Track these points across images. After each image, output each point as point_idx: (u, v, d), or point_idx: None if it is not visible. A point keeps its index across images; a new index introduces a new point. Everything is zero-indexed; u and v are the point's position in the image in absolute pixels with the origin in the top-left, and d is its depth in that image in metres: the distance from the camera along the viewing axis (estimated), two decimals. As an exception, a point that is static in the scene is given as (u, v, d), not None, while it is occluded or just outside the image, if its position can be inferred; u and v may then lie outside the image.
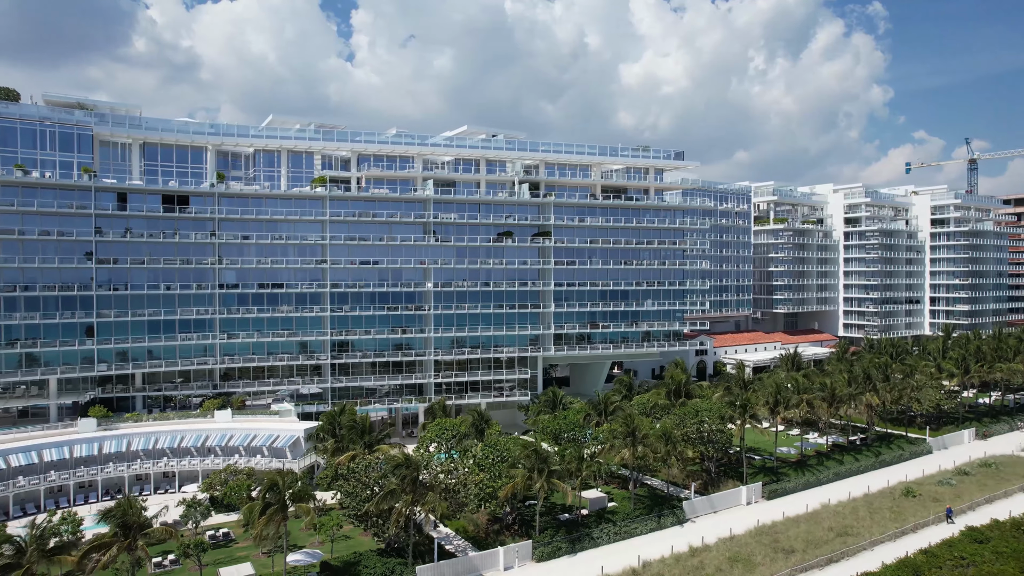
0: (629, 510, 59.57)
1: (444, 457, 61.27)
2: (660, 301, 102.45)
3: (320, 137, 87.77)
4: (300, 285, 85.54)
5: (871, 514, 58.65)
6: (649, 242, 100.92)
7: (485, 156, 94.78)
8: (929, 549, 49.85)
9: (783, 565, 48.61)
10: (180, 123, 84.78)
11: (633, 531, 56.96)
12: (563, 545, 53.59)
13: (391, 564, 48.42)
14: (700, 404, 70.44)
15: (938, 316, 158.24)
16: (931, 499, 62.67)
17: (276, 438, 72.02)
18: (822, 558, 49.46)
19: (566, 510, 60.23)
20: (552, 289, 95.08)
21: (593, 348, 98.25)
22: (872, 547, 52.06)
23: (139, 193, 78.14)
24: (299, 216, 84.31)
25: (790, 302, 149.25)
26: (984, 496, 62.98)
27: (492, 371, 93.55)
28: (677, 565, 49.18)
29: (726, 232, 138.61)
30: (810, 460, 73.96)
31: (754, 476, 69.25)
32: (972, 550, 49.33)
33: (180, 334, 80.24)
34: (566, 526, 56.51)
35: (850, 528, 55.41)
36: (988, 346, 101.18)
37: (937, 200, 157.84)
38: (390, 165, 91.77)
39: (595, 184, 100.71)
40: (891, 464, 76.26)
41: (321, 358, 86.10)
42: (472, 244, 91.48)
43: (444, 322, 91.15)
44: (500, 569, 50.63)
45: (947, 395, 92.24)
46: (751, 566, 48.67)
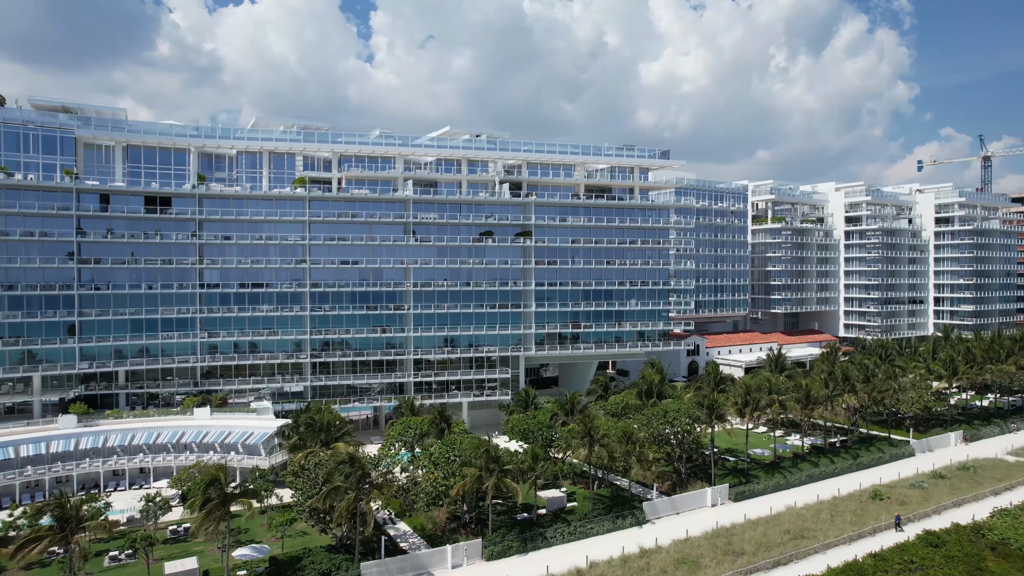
0: (588, 510, 59.52)
1: (406, 456, 62.01)
2: (644, 301, 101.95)
3: (301, 139, 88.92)
4: (281, 285, 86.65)
5: (832, 517, 57.92)
6: (632, 242, 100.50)
7: (466, 156, 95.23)
8: (880, 553, 49.17)
9: (729, 567, 48.29)
10: (164, 126, 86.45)
11: (589, 531, 56.92)
12: (514, 544, 53.75)
13: (338, 560, 49.05)
14: (669, 405, 70.10)
15: (942, 317, 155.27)
16: (898, 503, 61.71)
17: (250, 435, 73.13)
18: (769, 560, 49.03)
19: (527, 510, 60.40)
20: (533, 289, 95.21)
21: (575, 348, 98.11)
22: (825, 550, 51.47)
23: (120, 194, 79.85)
24: (279, 217, 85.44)
25: (788, 302, 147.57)
26: (952, 499, 61.87)
27: (474, 370, 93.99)
28: (623, 566, 49.08)
29: (721, 231, 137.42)
30: (784, 463, 73.15)
31: (723, 478, 68.73)
32: (924, 554, 48.56)
33: (162, 333, 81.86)
34: (521, 526, 56.64)
35: (807, 531, 54.81)
36: (979, 348, 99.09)
37: (941, 198, 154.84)
38: (371, 166, 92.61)
39: (578, 183, 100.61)
40: (869, 467, 75.19)
41: (301, 357, 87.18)
42: (452, 244, 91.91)
43: (425, 321, 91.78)
44: (448, 567, 50.96)
45: (936, 397, 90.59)
46: (697, 568, 48.43)
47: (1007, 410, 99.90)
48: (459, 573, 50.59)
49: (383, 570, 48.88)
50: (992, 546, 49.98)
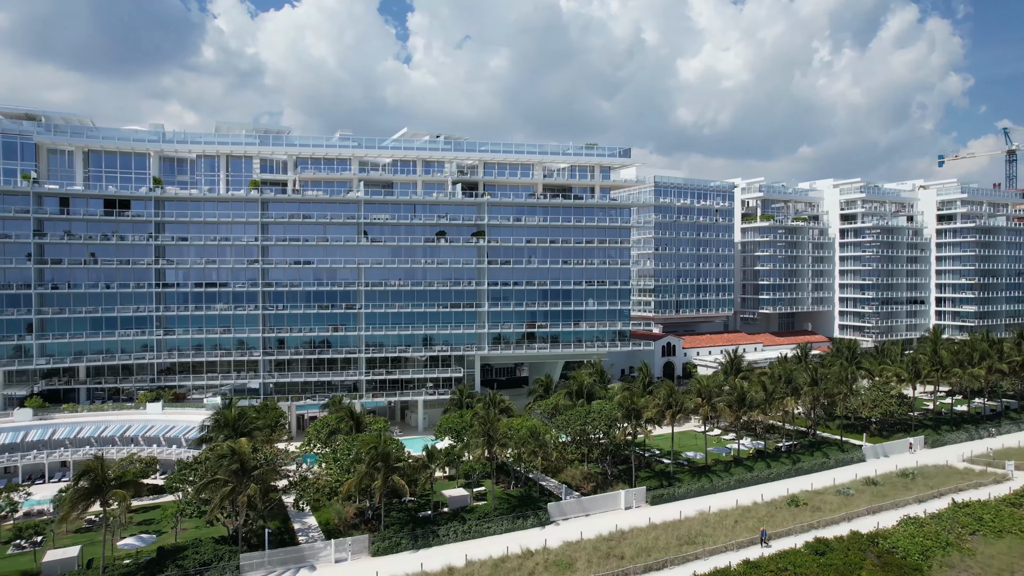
0: (490, 509, 59.80)
1: (311, 458, 63.61)
2: (603, 301, 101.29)
3: (257, 142, 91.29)
4: (237, 284, 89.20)
5: (736, 523, 56.76)
6: (590, 241, 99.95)
7: (421, 157, 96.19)
8: (757, 560, 48.18)
9: (600, 570, 48.03)
10: (126, 131, 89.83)
11: (486, 531, 57.11)
12: (404, 541, 54.39)
13: (222, 550, 50.61)
14: (595, 406, 69.73)
15: (944, 318, 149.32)
16: (813, 509, 60.11)
17: (191, 429, 75.63)
18: (641, 564, 48.55)
19: (435, 507, 61.04)
20: (486, 288, 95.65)
21: (531, 348, 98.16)
22: (708, 556, 50.62)
23: (79, 197, 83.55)
24: (232, 219, 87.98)
25: (780, 302, 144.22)
26: (867, 507, 59.95)
27: (428, 369, 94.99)
28: (498, 566, 49.24)
29: (705, 230, 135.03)
30: (717, 466, 71.87)
31: (647, 480, 68.09)
32: (801, 561, 47.40)
33: (120, 331, 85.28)
34: (419, 523, 57.31)
35: (702, 536, 53.89)
36: (950, 350, 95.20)
37: (943, 195, 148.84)
38: (328, 168, 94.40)
39: (536, 183, 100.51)
40: (808, 472, 73.17)
41: (256, 354, 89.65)
42: (405, 244, 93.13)
43: (378, 320, 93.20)
44: (332, 561, 51.99)
45: (899, 401, 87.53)
46: (569, 570, 48.26)
47: (987, 414, 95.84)
48: (342, 567, 51.50)
49: (264, 561, 50.25)
50: (879, 554, 48.42)
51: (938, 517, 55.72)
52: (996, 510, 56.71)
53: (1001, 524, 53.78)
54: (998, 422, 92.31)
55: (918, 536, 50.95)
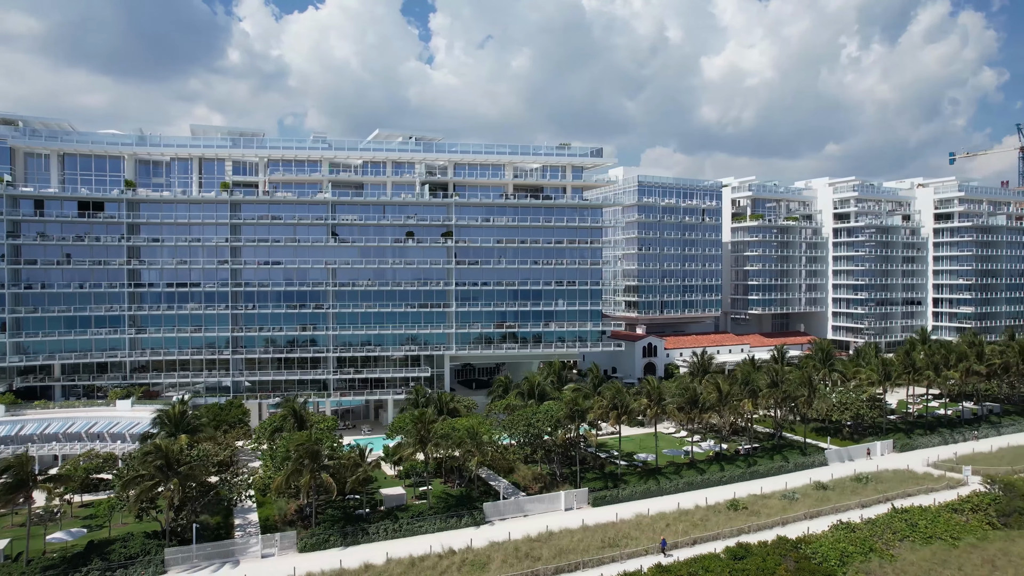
0: (424, 508, 60.30)
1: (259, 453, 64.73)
2: (575, 301, 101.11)
3: (228, 144, 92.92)
4: (207, 284, 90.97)
5: (668, 526, 56.34)
6: (559, 242, 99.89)
7: (390, 158, 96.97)
8: (671, 565, 47.85)
9: (511, 570, 48.16)
10: (104, 134, 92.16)
11: (418, 529, 57.49)
12: (334, 538, 55.08)
13: (150, 545, 51.85)
14: (545, 406, 69.78)
15: (941, 319, 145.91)
16: (752, 513, 59.38)
17: None
18: (551, 566, 48.55)
19: (374, 506, 61.71)
20: (454, 289, 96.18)
21: (498, 348, 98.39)
22: (625, 559, 50.38)
23: (53, 199, 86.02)
24: (202, 220, 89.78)
25: (769, 303, 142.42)
26: (805, 511, 59.06)
27: (396, 368, 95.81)
28: (416, 564, 49.62)
29: (692, 230, 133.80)
30: (668, 469, 71.42)
31: (594, 481, 67.99)
32: (717, 565, 46.97)
33: (94, 329, 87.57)
34: (353, 520, 57.99)
35: (627, 539, 53.59)
36: (926, 352, 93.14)
37: (941, 193, 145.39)
38: (299, 170, 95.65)
39: (507, 183, 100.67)
40: (763, 476, 72.15)
41: (225, 353, 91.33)
42: (371, 245, 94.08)
43: (348, 320, 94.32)
44: (258, 556, 52.90)
45: (870, 404, 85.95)
46: (482, 570, 48.46)
47: (968, 418, 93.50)
48: (268, 562, 52.33)
49: (190, 555, 51.33)
50: (797, 559, 47.77)
51: (873, 523, 54.70)
52: (935, 516, 55.48)
53: (933, 530, 52.62)
54: (976, 426, 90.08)
55: (843, 542, 50.11)
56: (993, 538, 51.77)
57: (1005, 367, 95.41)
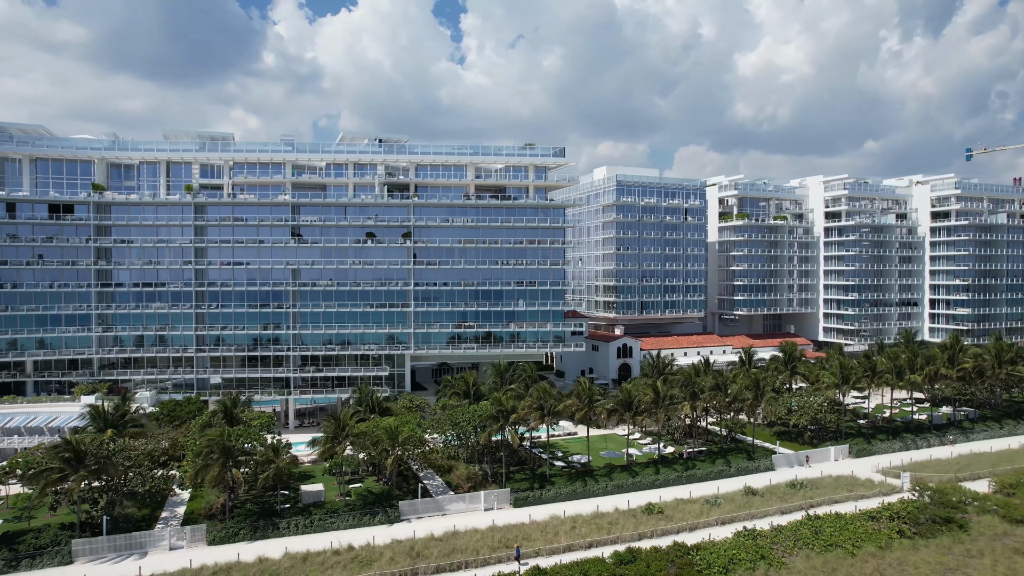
0: (340, 505, 61.23)
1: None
2: (537, 301, 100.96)
3: (194, 148, 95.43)
4: (173, 284, 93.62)
5: (573, 528, 56.14)
6: (518, 242, 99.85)
7: (352, 160, 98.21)
8: (552, 568, 47.68)
9: (395, 567, 48.67)
10: (78, 139, 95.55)
11: (329, 525, 58.29)
12: (243, 532, 56.34)
13: (63, 536, 53.84)
14: (469, 408, 70.19)
15: (938, 320, 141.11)
16: (665, 518, 58.60)
17: None
18: (434, 565, 48.87)
19: (295, 501, 62.95)
20: (412, 289, 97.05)
21: (456, 348, 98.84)
22: (511, 560, 50.39)
23: (24, 202, 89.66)
24: (166, 221, 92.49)
25: (756, 303, 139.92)
26: (719, 517, 58.06)
27: (358, 367, 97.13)
28: (308, 559, 50.46)
29: (673, 230, 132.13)
30: (599, 471, 70.95)
31: (522, 482, 68.02)
32: (599, 569, 46.65)
33: (64, 327, 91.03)
34: (269, 515, 59.20)
35: (527, 541, 53.61)
36: (888, 356, 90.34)
37: (937, 191, 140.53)
38: (263, 172, 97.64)
39: (468, 184, 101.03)
40: (701, 480, 70.95)
41: (190, 351, 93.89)
42: (330, 245, 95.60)
43: (311, 319, 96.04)
44: (167, 548, 54.42)
45: (829, 408, 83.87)
46: (367, 567, 49.08)
47: (937, 423, 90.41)
48: (175, 554, 53.74)
49: (96, 547, 53.10)
50: (680, 566, 47.16)
51: (781, 530, 53.50)
52: (847, 524, 53.95)
53: (837, 538, 51.21)
54: (944, 432, 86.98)
55: (735, 549, 49.22)
56: (897, 547, 50.19)
57: (979, 371, 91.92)
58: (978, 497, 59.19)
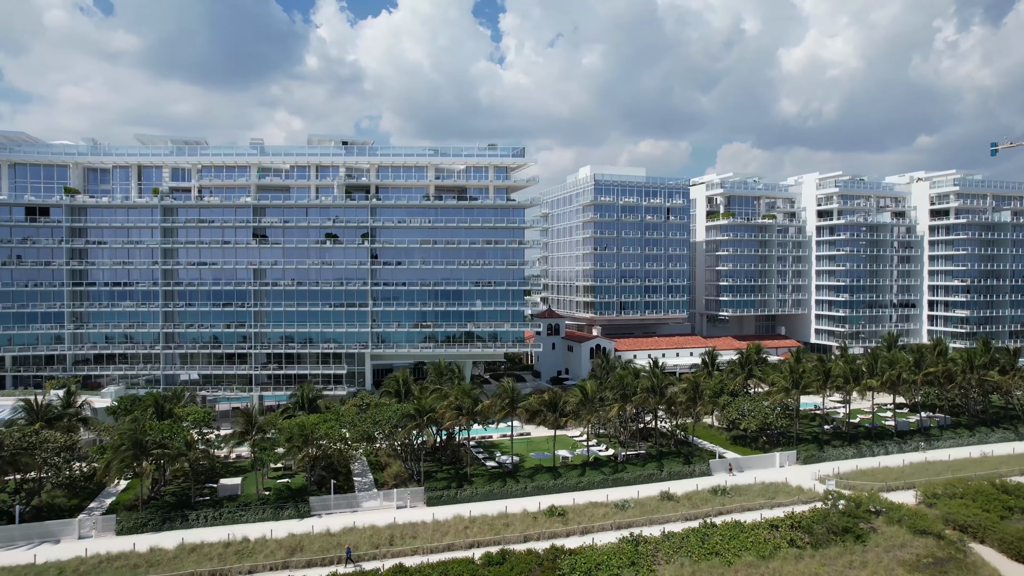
0: (254, 499, 62.82)
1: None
2: (497, 301, 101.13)
3: (162, 153, 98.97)
4: (143, 283, 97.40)
5: (466, 528, 56.20)
6: (474, 243, 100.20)
7: (314, 162, 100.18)
8: (417, 566, 48.08)
9: (270, 559, 49.84)
10: (57, 145, 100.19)
11: (239, 518, 59.83)
12: (152, 522, 58.41)
13: (-25, 526, 56.86)
14: (385, 408, 71.18)
15: (937, 323, 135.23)
16: (565, 521, 58.13)
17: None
18: (304, 559, 49.82)
19: (212, 493, 64.99)
20: (370, 288, 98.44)
21: (413, 348, 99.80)
22: (390, 557, 50.96)
23: (2, 205, 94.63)
24: (134, 223, 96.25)
25: (743, 304, 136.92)
26: (615, 521, 57.30)
27: (320, 366, 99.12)
28: (196, 550, 52.02)
29: (655, 229, 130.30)
30: (521, 472, 70.77)
31: (442, 480, 68.52)
32: (464, 570, 46.85)
33: (41, 324, 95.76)
34: (186, 507, 61.20)
35: (409, 537, 54.17)
36: (845, 361, 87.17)
37: (936, 188, 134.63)
38: (230, 175, 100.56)
39: (429, 185, 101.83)
40: (627, 484, 69.52)
41: (158, 348, 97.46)
42: (291, 246, 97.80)
43: (274, 318, 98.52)
44: (75, 537, 56.83)
45: (779, 412, 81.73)
46: (249, 558, 50.39)
47: (901, 430, 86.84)
48: (82, 543, 56.02)
49: (7, 535, 55.68)
50: (545, 570, 46.91)
51: (669, 536, 52.56)
52: (741, 532, 52.67)
53: (721, 547, 49.97)
54: (908, 439, 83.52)
55: (606, 555, 48.66)
56: (781, 556, 48.70)
57: (948, 376, 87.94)
58: (893, 507, 56.87)
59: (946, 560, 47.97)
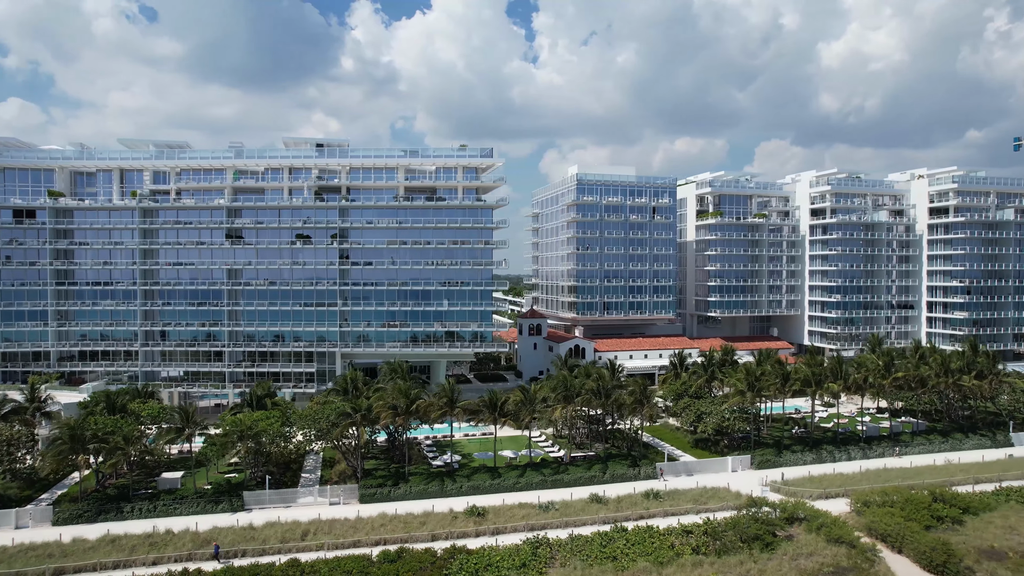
0: (191, 493, 64.54)
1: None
2: (461, 301, 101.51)
3: (142, 157, 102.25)
4: (124, 283, 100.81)
5: (383, 526, 56.80)
6: (441, 243, 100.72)
7: (286, 165, 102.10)
8: (311, 562, 48.79)
9: (181, 550, 51.28)
10: (40, 151, 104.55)
11: (173, 511, 61.47)
12: (86, 514, 60.52)
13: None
14: (322, 407, 72.22)
15: (936, 325, 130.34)
16: (484, 521, 58.14)
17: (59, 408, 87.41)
18: (142, 557, 50.99)
19: (153, 487, 67.00)
20: (338, 288, 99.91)
21: (380, 347, 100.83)
22: (291, 552, 51.79)
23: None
24: (113, 225, 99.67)
25: (733, 304, 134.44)
26: (531, 523, 57.00)
27: (291, 364, 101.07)
28: (116, 541, 53.70)
29: (639, 229, 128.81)
30: (463, 471, 70.95)
31: (382, 479, 69.24)
32: (354, 565, 47.36)
33: (28, 322, 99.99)
34: (124, 499, 63.23)
35: (312, 534, 54.99)
36: (807, 363, 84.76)
37: (935, 185, 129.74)
38: (207, 178, 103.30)
39: (399, 186, 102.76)
40: (565, 485, 68.44)
41: (137, 345, 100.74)
42: (262, 247, 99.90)
43: (247, 317, 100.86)
44: (12, 527, 59.26)
45: (737, 415, 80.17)
46: (168, 548, 51.97)
47: (869, 435, 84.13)
48: (20, 532, 58.50)
49: (-55, 525, 58.60)
50: (433, 569, 47.13)
51: (575, 539, 52.05)
52: (650, 536, 51.91)
53: (622, 551, 49.33)
54: (874, 445, 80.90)
55: (499, 556, 48.56)
56: (678, 563, 47.64)
57: (920, 381, 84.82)
58: (817, 514, 55.22)
59: (848, 570, 46.46)
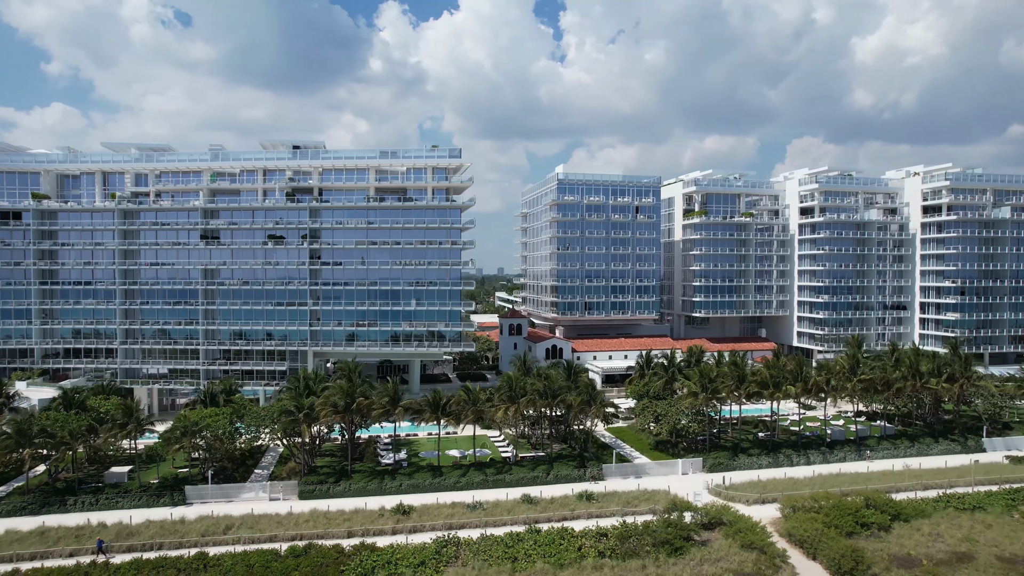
0: (135, 487, 66.23)
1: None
2: (430, 301, 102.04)
3: (123, 160, 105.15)
4: (105, 283, 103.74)
5: (308, 521, 57.72)
6: (409, 243, 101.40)
7: (260, 167, 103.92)
8: (217, 556, 49.76)
9: (26, 548, 52.54)
10: (25, 155, 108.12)
11: (115, 505, 63.18)
12: (30, 507, 62.48)
13: None
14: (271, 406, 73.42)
15: (928, 326, 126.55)
16: (409, 519, 58.55)
17: (34, 403, 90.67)
18: (138, 543, 52.39)
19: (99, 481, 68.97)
20: (308, 288, 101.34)
21: (349, 346, 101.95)
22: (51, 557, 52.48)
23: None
24: (94, 227, 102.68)
25: (719, 305, 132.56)
26: (451, 522, 57.08)
27: (264, 362, 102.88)
28: (47, 533, 55.53)
29: (622, 228, 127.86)
30: (406, 470, 71.48)
31: (327, 475, 70.18)
32: (265, 560, 48.19)
33: (14, 320, 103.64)
34: (69, 493, 65.26)
35: (249, 528, 55.98)
36: (774, 365, 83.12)
37: (929, 183, 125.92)
38: (186, 180, 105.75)
39: (370, 187, 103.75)
40: (506, 486, 68.37)
41: (114, 343, 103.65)
42: (236, 247, 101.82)
43: (222, 316, 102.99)
44: (-45, 519, 61.73)
45: (694, 418, 79.27)
46: (91, 539, 53.58)
47: (835, 440, 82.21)
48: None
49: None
50: (329, 565, 47.68)
51: (487, 539, 52.11)
52: (562, 538, 51.65)
53: (525, 552, 49.25)
54: (836, 449, 79.01)
55: (400, 554, 48.93)
56: (578, 566, 47.35)
57: (887, 383, 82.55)
58: (737, 519, 54.33)
59: (751, 575, 45.63)
